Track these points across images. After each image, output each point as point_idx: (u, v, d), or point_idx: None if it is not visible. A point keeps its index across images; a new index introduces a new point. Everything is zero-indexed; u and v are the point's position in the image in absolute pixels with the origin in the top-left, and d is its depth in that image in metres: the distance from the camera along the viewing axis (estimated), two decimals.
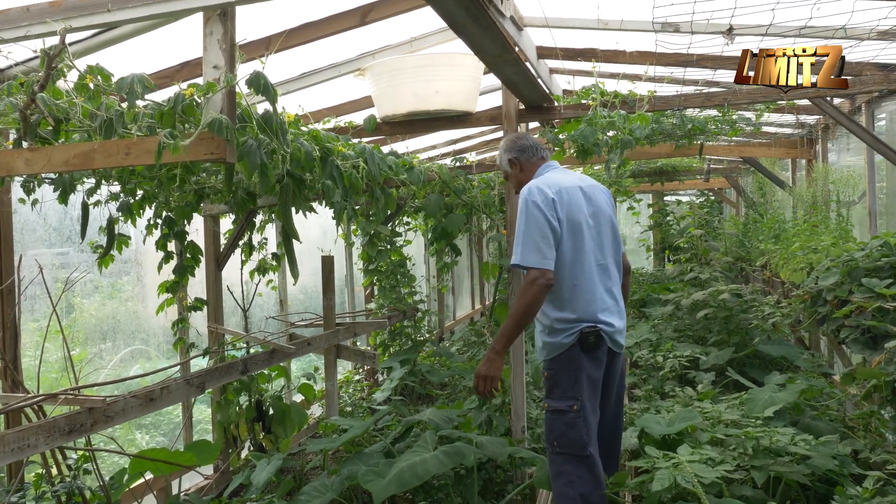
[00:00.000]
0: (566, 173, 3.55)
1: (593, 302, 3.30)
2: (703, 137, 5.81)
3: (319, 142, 2.82)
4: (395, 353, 7.08)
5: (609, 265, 3.41)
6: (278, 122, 2.30)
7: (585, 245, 3.31)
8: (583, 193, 3.38)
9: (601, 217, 3.41)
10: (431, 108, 4.43)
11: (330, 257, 5.67)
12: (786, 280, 6.18)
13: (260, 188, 2.33)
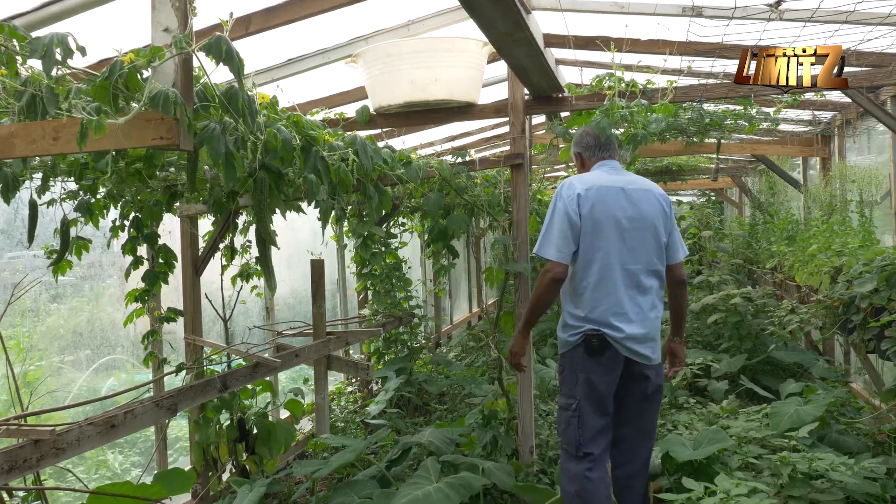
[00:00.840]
0: (618, 174, 3.37)
1: (607, 305, 3.20)
2: (717, 133, 5.33)
3: (301, 129, 2.33)
4: (391, 362, 6.58)
5: (640, 272, 3.23)
6: (246, 100, 1.80)
7: (610, 246, 3.19)
8: (624, 195, 3.24)
9: (643, 222, 3.24)
10: (430, 97, 3.94)
11: (320, 261, 5.17)
12: (802, 284, 5.72)
13: (225, 181, 1.85)
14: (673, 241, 3.31)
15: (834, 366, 5.90)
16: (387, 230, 6.49)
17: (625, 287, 3.21)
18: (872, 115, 3.84)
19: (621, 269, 3.20)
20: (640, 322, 3.21)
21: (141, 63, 1.64)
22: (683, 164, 8.36)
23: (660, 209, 3.28)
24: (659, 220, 3.25)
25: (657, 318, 3.27)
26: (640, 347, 3.20)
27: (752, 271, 7.45)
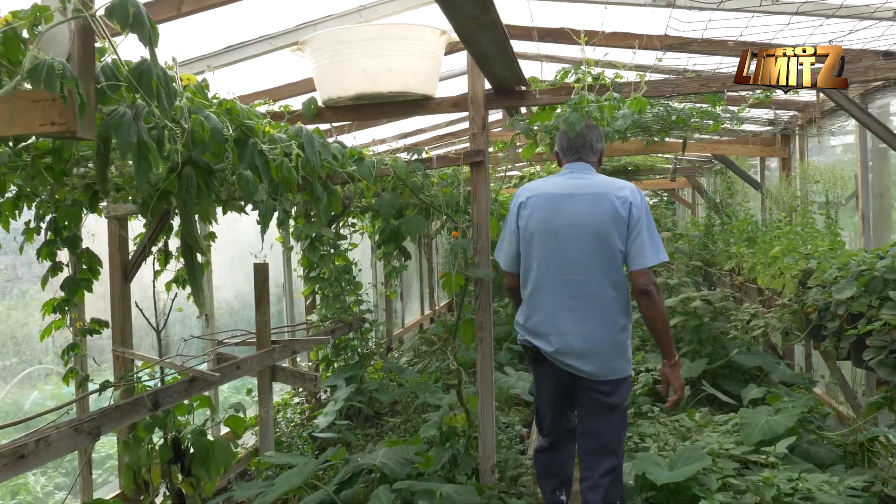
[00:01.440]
0: (575, 178, 3.17)
1: (539, 316, 3.13)
2: (680, 132, 5.14)
3: (236, 118, 1.98)
4: (340, 370, 6.23)
5: (584, 282, 3.03)
6: (161, 78, 1.45)
7: (546, 255, 3.10)
8: (569, 201, 3.08)
9: (587, 229, 3.02)
10: (384, 89, 3.62)
11: (264, 265, 4.79)
12: (765, 287, 5.57)
13: (138, 178, 1.50)
14: (635, 245, 2.97)
15: (795, 370, 5.78)
16: (336, 231, 6.14)
17: (561, 298, 3.06)
18: (849, 113, 3.67)
19: (558, 280, 3.06)
20: (580, 336, 3.02)
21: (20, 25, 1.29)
22: (640, 164, 8.21)
23: (611, 213, 2.99)
24: (610, 225, 2.99)
25: (607, 332, 3.03)
26: (578, 363, 3.04)
27: (710, 273, 7.32)
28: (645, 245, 2.97)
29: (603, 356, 3.03)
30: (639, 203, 3.01)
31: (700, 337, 6.02)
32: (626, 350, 3.12)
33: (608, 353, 3.04)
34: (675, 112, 4.20)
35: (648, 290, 2.94)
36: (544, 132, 3.98)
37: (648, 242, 2.98)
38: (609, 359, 3.05)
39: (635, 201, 3.01)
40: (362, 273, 8.20)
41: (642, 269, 2.96)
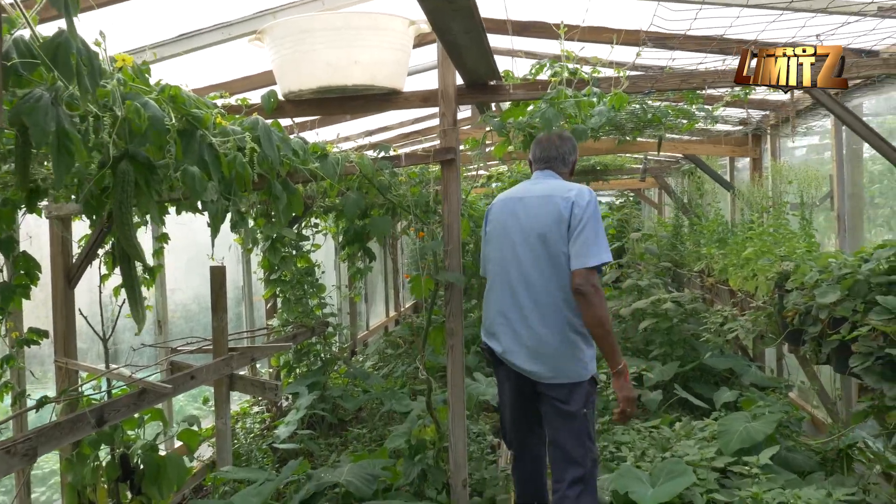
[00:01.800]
0: (535, 183, 3.19)
1: (491, 317, 3.19)
2: (654, 131, 5.00)
3: (181, 106, 1.72)
4: (303, 376, 5.97)
5: (531, 284, 3.01)
6: (82, 53, 1.21)
7: (501, 259, 3.15)
8: (521, 205, 3.12)
9: (534, 231, 3.02)
10: (349, 82, 3.38)
11: (221, 268, 4.52)
12: (737, 289, 5.46)
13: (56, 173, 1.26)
14: (576, 246, 2.89)
15: (766, 373, 5.69)
16: (298, 232, 5.89)
17: (510, 298, 3.07)
18: (831, 111, 3.54)
19: (508, 283, 3.08)
20: (526, 336, 3.01)
21: None
22: (610, 164, 8.09)
23: (555, 215, 2.96)
24: (553, 227, 2.95)
25: (554, 333, 2.96)
26: (527, 364, 3.02)
27: (679, 274, 7.22)
28: (585, 245, 2.88)
29: (552, 358, 2.97)
30: (582, 204, 2.93)
31: (671, 339, 5.90)
32: (578, 353, 2.99)
33: (556, 354, 2.96)
34: (652, 110, 4.04)
35: (584, 292, 2.84)
36: (517, 129, 3.78)
37: (589, 243, 2.88)
38: (558, 361, 2.97)
39: (579, 202, 2.94)
40: (326, 275, 7.94)
41: (580, 270, 2.85)
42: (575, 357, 2.97)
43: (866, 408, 3.01)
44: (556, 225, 2.94)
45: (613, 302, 6.68)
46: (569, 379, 2.97)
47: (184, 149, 1.69)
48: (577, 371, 2.98)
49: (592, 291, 2.83)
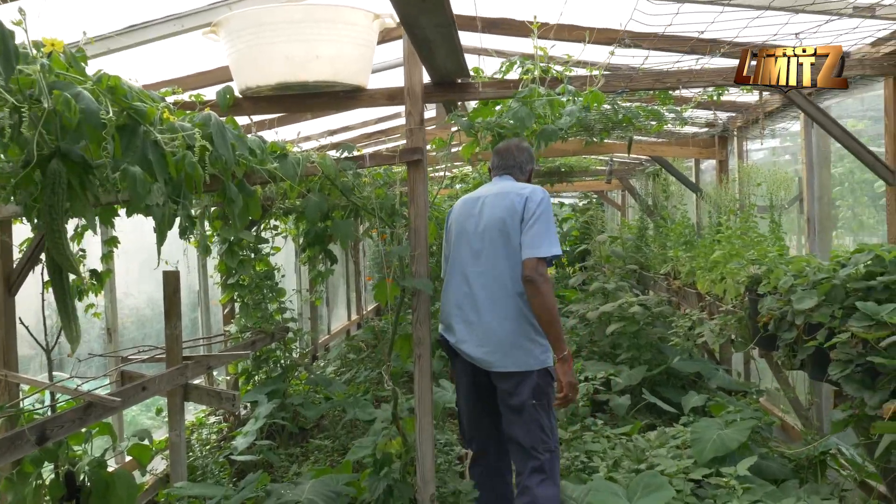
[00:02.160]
0: (494, 185, 3.34)
1: (447, 309, 3.27)
2: (621, 132, 4.91)
3: (121, 98, 1.53)
4: (262, 384, 5.76)
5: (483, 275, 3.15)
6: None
7: (458, 255, 3.27)
8: (479, 203, 3.25)
9: (491, 224, 3.16)
10: (311, 78, 3.21)
11: (174, 273, 4.30)
12: (705, 292, 5.41)
13: None
14: (527, 236, 3.03)
15: (734, 376, 5.64)
16: (257, 234, 5.67)
17: (466, 291, 3.17)
18: (805, 112, 3.48)
19: (464, 275, 3.19)
20: (477, 324, 3.12)
21: None
22: (575, 165, 8.01)
23: (509, 208, 3.11)
24: (506, 219, 3.10)
25: (503, 322, 3.08)
26: (476, 351, 3.12)
27: (644, 276, 7.16)
28: (536, 237, 3.01)
29: (500, 344, 3.06)
30: (536, 199, 3.09)
31: (638, 343, 5.83)
32: (528, 343, 3.07)
33: (505, 341, 3.06)
34: (622, 110, 3.93)
35: (532, 279, 2.96)
36: (485, 130, 3.64)
37: (541, 235, 3.02)
38: (506, 347, 3.05)
39: (533, 197, 3.10)
40: (286, 279, 7.72)
41: (530, 259, 2.99)
42: (524, 346, 3.05)
43: (847, 417, 2.93)
44: (511, 218, 3.07)
45: (579, 305, 6.60)
46: (517, 367, 3.04)
47: (124, 146, 1.50)
48: (524, 360, 3.05)
49: (541, 280, 2.95)
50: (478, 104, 3.58)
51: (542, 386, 3.07)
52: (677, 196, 6.35)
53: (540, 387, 3.06)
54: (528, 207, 3.06)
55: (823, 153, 4.63)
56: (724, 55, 3.39)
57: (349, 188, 3.23)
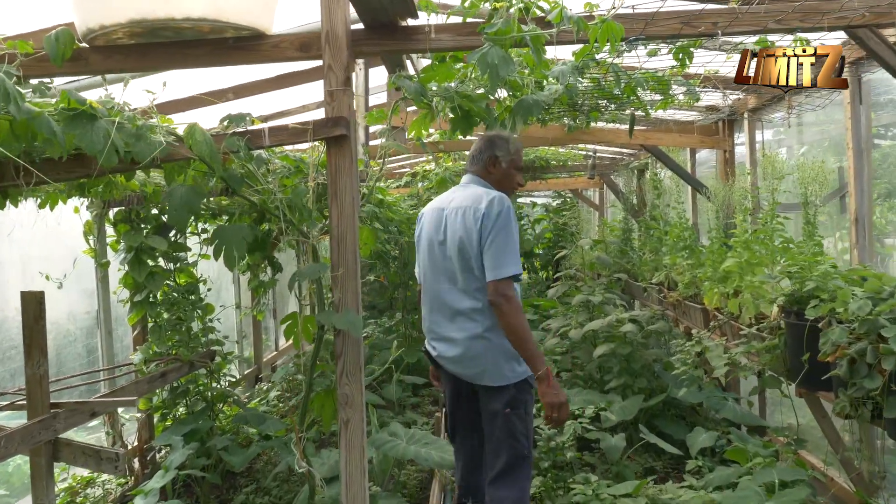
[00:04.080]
0: (455, 191, 3.17)
1: (427, 324, 3.23)
2: (611, 110, 3.84)
3: None
4: (179, 422, 4.58)
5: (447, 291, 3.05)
6: None
7: (426, 267, 3.18)
8: (441, 215, 3.09)
9: (449, 240, 3.03)
10: (178, 13, 2.07)
11: (35, 294, 3.15)
12: (712, 308, 4.37)
13: None
14: (486, 258, 2.86)
15: (744, 406, 4.60)
16: (174, 241, 4.53)
17: (437, 307, 3.11)
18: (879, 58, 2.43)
19: (432, 290, 3.14)
20: (451, 343, 3.04)
21: None
22: (552, 159, 6.96)
23: (467, 226, 2.93)
24: (465, 239, 2.93)
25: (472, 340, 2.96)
26: (456, 368, 3.07)
27: (631, 285, 6.11)
28: (495, 257, 2.85)
29: (472, 362, 2.98)
30: (493, 214, 2.87)
31: (632, 368, 4.76)
32: (501, 359, 2.95)
33: (476, 359, 2.97)
34: (627, 76, 2.86)
35: (496, 303, 2.83)
36: (443, 99, 2.54)
37: (499, 255, 2.84)
38: (479, 365, 2.97)
39: (489, 212, 2.88)
40: (220, 292, 6.54)
41: (492, 281, 2.84)
42: (498, 362, 2.95)
43: None
44: (468, 237, 2.91)
45: (558, 321, 5.52)
46: (492, 382, 2.96)
47: None
48: (500, 375, 2.95)
49: (504, 302, 2.79)
50: (432, 61, 2.47)
51: (519, 396, 2.98)
52: (672, 193, 5.32)
53: (516, 398, 2.97)
54: (484, 226, 2.87)
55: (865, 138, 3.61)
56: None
57: (237, 178, 2.10)
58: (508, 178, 3.09)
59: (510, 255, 2.82)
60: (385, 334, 7.10)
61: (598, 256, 5.42)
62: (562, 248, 10.52)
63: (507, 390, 2.96)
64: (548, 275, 10.82)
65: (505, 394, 2.96)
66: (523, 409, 2.98)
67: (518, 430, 2.96)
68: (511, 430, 2.95)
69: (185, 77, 4.32)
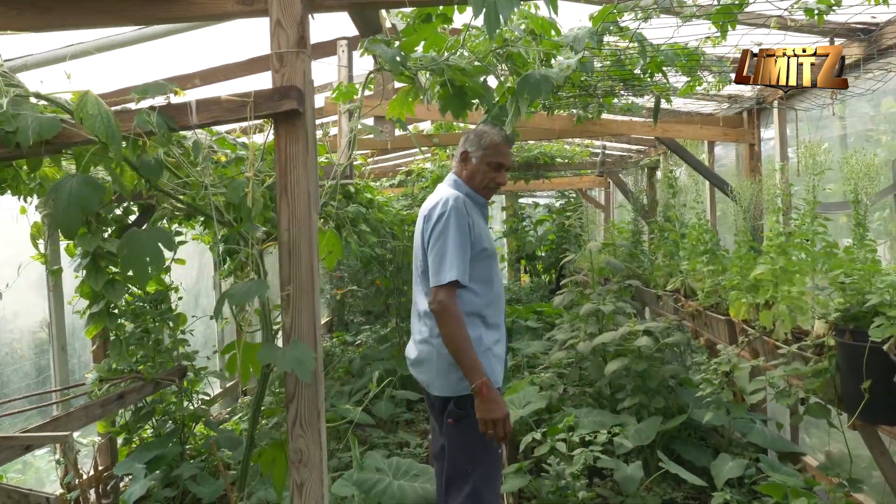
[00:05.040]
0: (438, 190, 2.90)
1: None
2: (627, 96, 3.32)
3: None
4: (143, 447, 4.06)
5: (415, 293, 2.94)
6: None
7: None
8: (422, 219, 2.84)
9: (415, 242, 2.92)
10: None
11: None
12: (739, 320, 3.83)
13: None
14: (430, 263, 2.69)
15: (773, 429, 4.05)
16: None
17: (412, 308, 3.00)
18: None
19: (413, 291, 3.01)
20: (412, 345, 2.94)
21: None
22: (557, 156, 6.41)
23: (420, 227, 2.82)
24: (418, 240, 2.84)
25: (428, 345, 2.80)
26: (413, 371, 2.94)
27: (642, 292, 5.56)
28: (434, 263, 2.69)
29: (424, 365, 2.85)
30: (434, 216, 2.71)
31: (647, 385, 4.21)
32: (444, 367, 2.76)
33: (430, 366, 2.81)
34: (654, 49, 2.32)
35: (433, 310, 2.66)
36: (430, 71, 2.01)
37: (437, 260, 2.67)
38: (432, 372, 2.81)
39: (432, 214, 2.72)
40: (199, 298, 6.02)
41: (433, 287, 2.67)
42: (440, 369, 2.78)
43: None
44: (420, 239, 2.82)
45: (563, 331, 4.97)
46: (440, 392, 2.80)
47: None
48: (444, 384, 2.78)
49: (439, 310, 2.63)
50: (414, 19, 1.92)
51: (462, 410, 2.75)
52: (690, 192, 4.76)
53: (456, 410, 2.76)
54: (425, 228, 2.74)
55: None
56: None
57: (152, 168, 1.56)
58: (481, 174, 2.79)
59: (448, 260, 2.63)
60: (379, 343, 6.56)
61: (608, 261, 4.88)
62: (566, 251, 10.02)
63: (465, 401, 2.78)
64: (550, 278, 10.27)
65: (451, 403, 2.82)
66: (467, 422, 2.73)
67: (458, 444, 2.79)
68: (469, 448, 2.76)
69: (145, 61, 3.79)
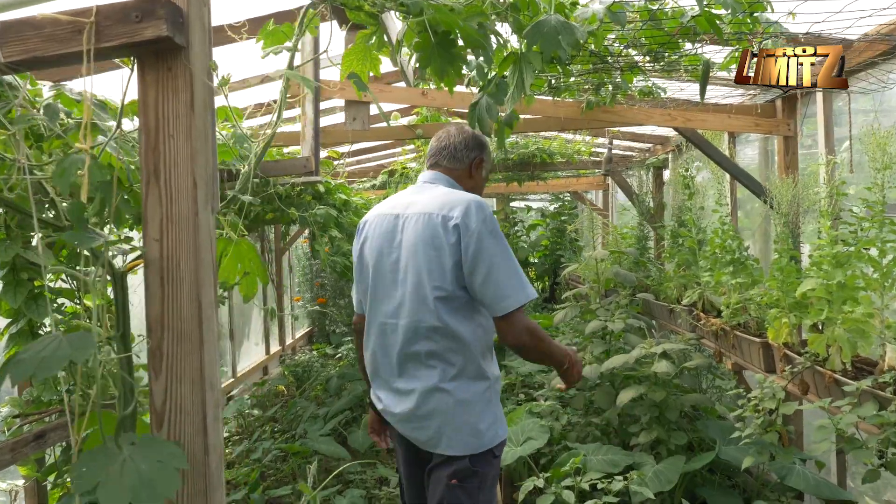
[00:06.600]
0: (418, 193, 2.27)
1: (371, 367, 2.32)
2: (653, 66, 2.66)
3: None
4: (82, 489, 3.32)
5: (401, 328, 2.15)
6: None
7: (373, 292, 2.27)
8: (394, 223, 2.23)
9: (407, 260, 2.15)
10: None
11: None
12: (779, 344, 3.17)
13: None
14: (485, 287, 2.00)
15: (810, 468, 3.39)
16: (78, 253, 3.27)
17: (385, 347, 2.22)
18: None
19: (379, 324, 2.24)
20: (402, 395, 2.19)
21: None
22: (557, 153, 5.75)
23: (436, 244, 2.07)
24: (432, 257, 2.08)
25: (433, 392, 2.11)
26: (406, 428, 2.21)
27: (652, 305, 4.89)
28: (501, 285, 2.00)
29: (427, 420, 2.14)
30: (473, 225, 2.04)
31: (667, 418, 3.54)
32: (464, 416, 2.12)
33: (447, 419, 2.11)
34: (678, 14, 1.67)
35: (523, 344, 2.06)
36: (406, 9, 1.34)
37: (506, 278, 2.01)
38: (436, 426, 2.13)
39: (468, 223, 2.04)
40: None
41: (505, 316, 2.02)
42: (457, 422, 2.12)
43: None
44: (437, 252, 2.08)
45: None
46: (450, 451, 2.13)
47: None
48: (457, 442, 2.12)
49: (530, 339, 2.05)
50: None
51: (473, 468, 2.14)
52: (712, 192, 4.09)
53: (468, 469, 2.13)
54: (465, 244, 2.02)
55: None
56: None
57: None
58: (481, 189, 2.43)
59: (516, 274, 2.06)
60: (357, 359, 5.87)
61: (616, 271, 4.22)
62: (559, 257, 9.35)
63: (462, 460, 2.22)
64: (544, 286, 9.61)
65: (457, 462, 2.22)
66: (476, 483, 2.17)
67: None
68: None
69: None
